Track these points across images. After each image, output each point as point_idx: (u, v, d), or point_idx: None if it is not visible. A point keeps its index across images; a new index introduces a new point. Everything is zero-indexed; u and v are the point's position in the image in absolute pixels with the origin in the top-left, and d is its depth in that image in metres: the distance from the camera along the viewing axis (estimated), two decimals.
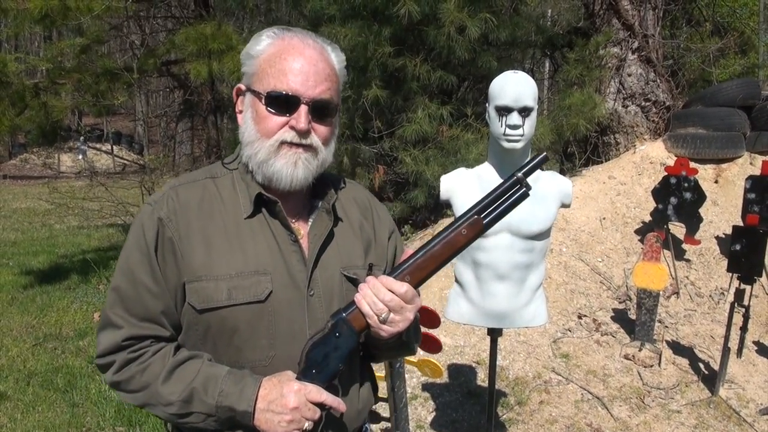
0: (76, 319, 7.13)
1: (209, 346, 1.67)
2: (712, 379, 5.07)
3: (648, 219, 7.09)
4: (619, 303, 6.19)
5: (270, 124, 1.64)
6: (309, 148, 1.66)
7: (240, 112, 1.74)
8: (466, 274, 3.10)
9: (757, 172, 6.67)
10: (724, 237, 7.02)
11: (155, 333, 1.66)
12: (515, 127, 2.81)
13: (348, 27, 7.08)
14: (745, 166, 7.92)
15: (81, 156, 24.41)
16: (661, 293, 5.84)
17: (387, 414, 3.73)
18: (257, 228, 1.69)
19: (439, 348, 3.59)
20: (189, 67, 8.00)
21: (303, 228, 1.75)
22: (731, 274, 5.88)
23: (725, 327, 4.96)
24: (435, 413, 4.67)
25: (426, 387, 4.92)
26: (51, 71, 9.18)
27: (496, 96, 2.85)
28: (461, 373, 5.11)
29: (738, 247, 4.97)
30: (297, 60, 1.64)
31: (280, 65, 1.64)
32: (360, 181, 7.49)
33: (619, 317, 5.96)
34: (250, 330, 1.64)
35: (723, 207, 7.51)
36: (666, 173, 6.80)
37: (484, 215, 1.64)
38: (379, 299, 1.57)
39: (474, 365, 5.20)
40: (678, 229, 6.87)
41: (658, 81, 8.74)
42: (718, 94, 8.21)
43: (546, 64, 14.27)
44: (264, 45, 1.69)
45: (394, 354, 1.96)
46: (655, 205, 6.81)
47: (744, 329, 5.34)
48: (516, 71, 2.90)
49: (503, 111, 2.82)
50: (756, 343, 5.81)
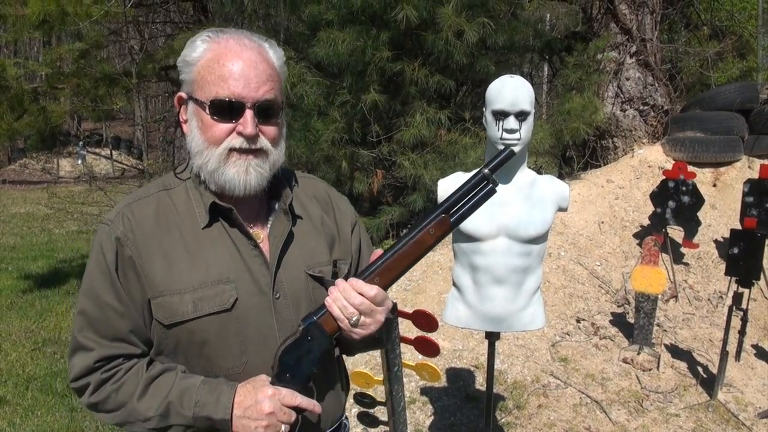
0: None
1: (181, 359, 1.68)
2: (710, 383, 5.07)
3: (646, 223, 7.10)
4: (618, 307, 6.19)
5: (217, 132, 1.62)
6: (259, 152, 1.65)
7: (185, 121, 1.72)
8: (463, 277, 3.11)
9: (756, 175, 6.68)
10: (722, 240, 7.02)
11: (126, 352, 1.66)
12: (512, 131, 2.82)
13: (346, 31, 7.08)
14: (744, 169, 7.93)
15: (80, 161, 24.44)
16: (660, 297, 5.85)
17: (385, 418, 3.72)
18: (216, 236, 1.68)
19: (437, 352, 3.57)
20: None
21: (262, 231, 1.75)
22: (729, 277, 5.89)
23: (723, 330, 4.97)
24: (433, 417, 4.67)
25: (424, 391, 4.92)
26: (50, 76, 9.19)
27: (493, 100, 2.86)
28: (460, 377, 5.11)
29: (736, 251, 4.98)
30: (236, 63, 1.61)
31: (219, 71, 1.61)
32: (359, 185, 7.50)
33: (618, 321, 5.96)
34: (219, 339, 1.65)
35: (721, 210, 7.52)
36: (664, 177, 6.80)
37: (451, 213, 1.65)
38: (350, 303, 1.59)
39: (472, 369, 5.20)
40: (676, 233, 6.88)
41: (656, 85, 8.76)
42: (716, 97, 8.22)
43: (545, 68, 14.29)
44: (200, 51, 1.65)
45: (366, 349, 1.96)
46: (654, 209, 6.81)
47: (742, 333, 5.34)
48: (512, 75, 2.91)
49: (500, 115, 2.83)
50: (754, 347, 5.81)
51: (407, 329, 2.29)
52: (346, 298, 1.59)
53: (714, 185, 7.88)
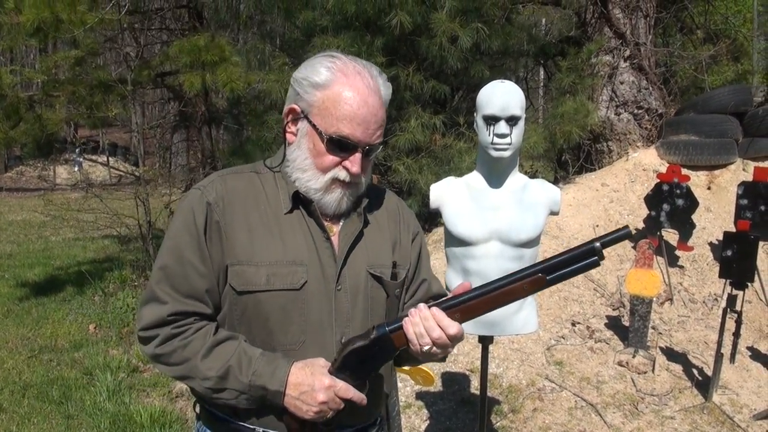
0: (71, 331, 7.13)
1: (244, 327, 1.77)
2: (705, 385, 5.08)
3: (641, 226, 7.12)
4: (613, 310, 6.21)
5: (326, 161, 1.75)
6: (356, 185, 1.81)
7: (290, 131, 1.82)
8: (456, 282, 3.11)
9: (750, 178, 6.69)
10: (717, 243, 7.04)
11: (198, 310, 1.75)
12: (503, 136, 2.83)
13: (340, 38, 7.11)
14: (738, 172, 7.95)
15: (77, 168, 24.40)
16: (655, 300, 5.86)
17: None
18: (295, 223, 1.80)
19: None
20: (183, 79, 8.02)
21: (335, 227, 1.86)
22: (724, 280, 5.91)
23: (718, 333, 4.98)
24: (429, 422, 4.68)
25: (419, 395, 4.93)
26: (45, 84, 9.19)
27: (483, 105, 2.88)
28: (455, 382, 5.12)
29: (729, 253, 4.99)
30: (362, 108, 1.72)
31: (344, 109, 1.71)
32: None
33: (613, 324, 5.97)
34: (283, 315, 1.75)
35: (716, 213, 7.54)
36: (659, 180, 6.82)
37: (549, 274, 1.64)
38: (429, 335, 1.63)
39: (467, 373, 5.21)
40: (671, 236, 6.89)
41: (650, 88, 8.78)
42: (710, 101, 8.24)
43: (540, 72, 14.32)
44: (325, 77, 1.74)
45: (413, 363, 2.06)
46: (648, 212, 6.83)
47: (737, 335, 5.34)
48: (503, 81, 2.93)
49: (491, 120, 2.84)
50: (749, 349, 5.83)
51: None
52: (426, 327, 1.63)
53: (708, 188, 7.90)
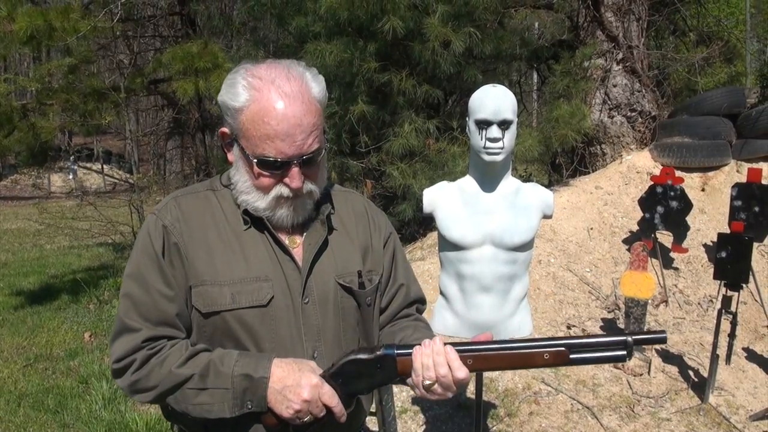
0: (66, 340, 7.11)
1: (216, 347, 1.72)
2: (701, 387, 5.08)
3: (635, 228, 7.12)
4: (608, 312, 6.21)
5: (264, 182, 1.70)
6: (305, 195, 1.74)
7: (228, 151, 1.78)
8: (450, 286, 3.12)
9: (744, 179, 6.70)
10: (711, 245, 7.04)
11: (171, 335, 1.72)
12: (495, 140, 2.84)
13: (333, 43, 7.11)
14: (732, 173, 7.96)
15: (71, 176, 24.37)
16: (650, 302, 5.86)
17: (376, 428, 3.72)
18: (257, 238, 1.76)
19: None
20: (176, 86, 8.02)
21: (298, 237, 1.81)
22: (719, 281, 5.91)
23: (714, 334, 4.98)
24: (425, 426, 4.67)
25: (416, 400, 4.92)
26: (39, 92, 9.19)
27: (475, 110, 2.88)
28: None
29: (724, 255, 4.99)
30: (281, 123, 1.62)
31: (263, 130, 1.63)
32: None
33: (608, 327, 5.98)
34: (253, 333, 1.71)
35: (710, 215, 7.55)
36: (652, 182, 6.83)
37: (572, 351, 1.61)
38: (435, 370, 1.59)
39: None
40: (665, 238, 6.90)
41: (643, 91, 8.80)
42: (703, 103, 8.25)
43: (534, 76, 14.35)
44: (242, 99, 1.65)
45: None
46: (642, 215, 6.84)
47: (732, 336, 5.35)
48: (495, 85, 2.93)
49: (483, 124, 2.85)
50: (745, 350, 5.83)
51: None
52: (435, 362, 1.59)
53: (702, 190, 7.91)
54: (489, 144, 2.84)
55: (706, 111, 8.10)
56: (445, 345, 1.61)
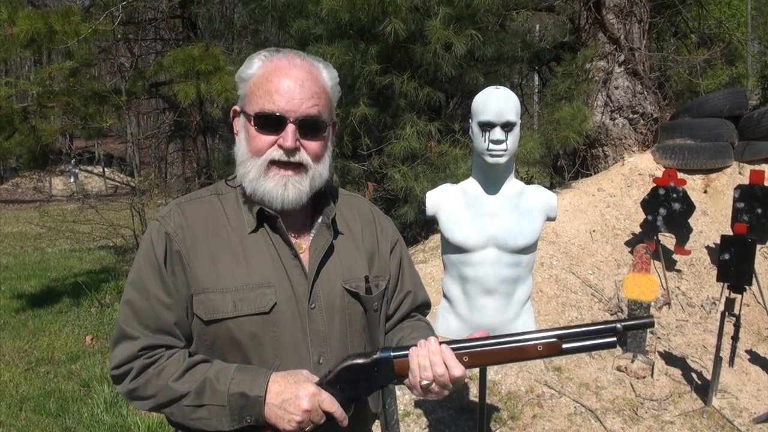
0: (68, 343, 7.10)
1: (217, 355, 1.71)
2: (705, 389, 5.07)
3: (638, 230, 7.11)
4: (611, 315, 6.19)
5: (259, 143, 1.70)
6: (298, 166, 1.72)
7: (236, 133, 1.80)
8: (453, 289, 3.11)
9: (746, 181, 6.70)
10: (714, 247, 7.03)
11: (169, 343, 1.72)
12: (498, 142, 2.82)
13: (335, 46, 7.11)
14: (734, 175, 7.96)
15: (72, 179, 24.40)
16: (653, 304, 5.85)
17: (379, 431, 3.72)
18: (261, 242, 1.75)
19: None
20: (177, 89, 8.01)
21: (305, 242, 1.81)
22: (722, 283, 5.90)
23: (717, 336, 4.97)
24: (428, 430, 4.66)
25: (418, 403, 4.91)
26: (40, 95, 9.18)
27: (478, 112, 2.87)
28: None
29: (727, 257, 4.98)
30: (282, 80, 1.69)
31: (266, 86, 1.69)
32: None
33: None
34: (255, 340, 1.69)
35: (713, 217, 7.54)
36: (655, 184, 6.82)
37: (564, 341, 1.64)
38: (432, 369, 1.60)
39: (466, 380, 5.18)
40: (668, 240, 6.89)
41: (645, 93, 8.79)
42: (705, 104, 8.25)
43: (535, 78, 14.35)
44: (255, 68, 1.74)
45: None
46: (645, 217, 6.83)
47: (735, 338, 5.33)
48: (498, 87, 2.92)
49: (486, 126, 2.84)
50: (748, 352, 5.82)
51: None
52: (431, 361, 1.60)
53: (705, 192, 7.90)
54: (492, 146, 2.83)
55: (708, 113, 8.10)
56: (441, 344, 1.63)
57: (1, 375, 6.18)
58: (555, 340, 1.63)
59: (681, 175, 6.91)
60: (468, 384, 5.14)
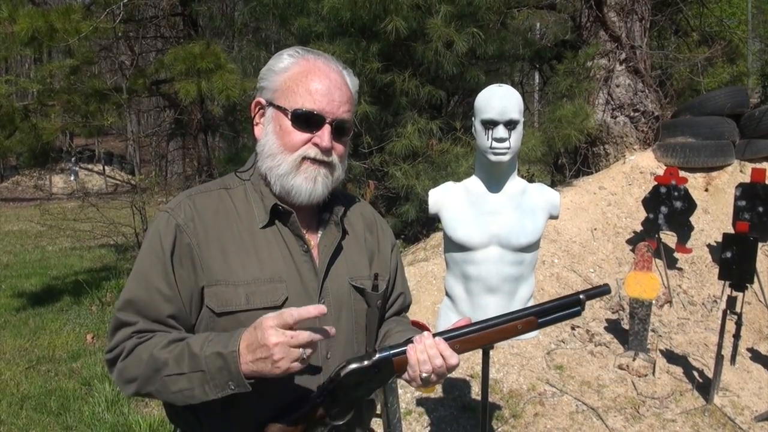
0: (69, 341, 7.09)
1: None
2: (706, 387, 5.06)
3: (639, 229, 7.11)
4: (612, 313, 6.19)
5: (294, 139, 1.72)
6: (329, 165, 1.76)
7: (258, 124, 1.81)
8: (456, 287, 3.10)
9: (747, 179, 6.69)
10: (715, 245, 7.03)
11: (165, 331, 1.69)
12: (502, 140, 2.81)
13: (336, 44, 7.11)
14: (735, 173, 7.95)
15: (73, 177, 24.40)
16: (654, 302, 5.85)
17: (381, 430, 3.71)
18: (271, 238, 1.76)
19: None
20: (178, 87, 8.00)
21: (313, 239, 1.83)
22: (723, 281, 5.90)
23: (718, 335, 4.96)
24: (430, 428, 4.66)
25: (420, 402, 4.91)
26: (41, 93, 9.17)
27: (481, 110, 2.86)
28: (455, 387, 5.10)
29: (729, 255, 4.98)
30: (323, 81, 1.73)
31: (306, 85, 1.73)
32: None
33: (613, 327, 5.96)
34: None
35: (714, 215, 7.53)
36: (656, 183, 6.81)
37: (539, 317, 1.80)
38: (431, 362, 1.65)
39: (468, 379, 5.19)
40: (669, 238, 6.88)
41: (646, 91, 8.79)
42: (706, 103, 8.24)
43: (536, 76, 14.34)
44: (287, 63, 1.77)
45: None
46: (646, 215, 6.82)
47: (737, 336, 5.33)
48: (501, 85, 2.91)
49: (489, 124, 2.82)
50: (750, 350, 5.81)
51: None
52: (429, 355, 1.65)
53: (706, 190, 7.90)
54: (495, 144, 2.82)
55: (709, 111, 8.09)
56: (435, 337, 1.69)
57: (2, 373, 6.17)
58: (532, 317, 1.78)
59: (682, 174, 6.91)
60: (470, 382, 5.14)
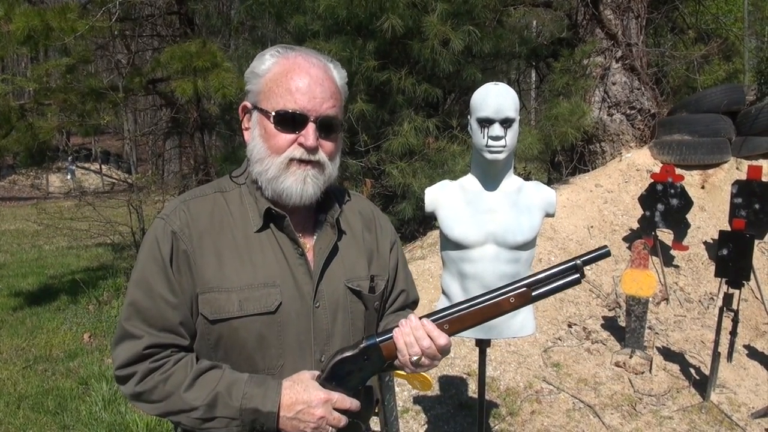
0: (66, 341, 7.09)
1: (220, 354, 1.71)
2: (703, 385, 5.07)
3: (636, 226, 7.12)
4: (609, 311, 6.20)
5: (279, 141, 1.69)
6: (316, 164, 1.72)
7: (246, 129, 1.80)
8: (452, 285, 3.10)
9: (744, 176, 6.70)
10: (712, 242, 7.04)
11: (175, 342, 1.70)
12: (497, 139, 2.82)
13: (332, 42, 7.10)
14: (732, 171, 7.96)
15: (69, 176, 24.39)
16: (651, 300, 5.86)
17: (378, 428, 3.71)
18: (266, 242, 1.74)
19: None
20: (174, 85, 7.99)
21: (308, 242, 1.81)
22: (720, 278, 5.90)
23: (715, 332, 4.97)
24: (427, 426, 4.66)
25: (417, 400, 4.91)
26: (37, 92, 9.15)
27: (477, 108, 2.86)
28: (452, 385, 5.10)
29: (725, 252, 4.99)
30: (303, 79, 1.69)
31: (286, 84, 1.69)
32: None
33: (609, 325, 5.97)
34: (260, 340, 1.69)
35: (710, 212, 7.54)
36: (652, 180, 6.82)
37: (533, 288, 1.69)
38: (418, 344, 1.64)
39: (465, 377, 5.19)
40: (666, 236, 6.89)
41: (642, 89, 8.79)
42: (702, 100, 8.25)
43: (532, 74, 14.34)
44: (268, 64, 1.73)
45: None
46: (643, 212, 6.83)
47: (733, 333, 5.35)
48: (497, 83, 2.91)
49: (485, 123, 2.83)
50: (746, 347, 5.82)
51: None
52: (416, 337, 1.64)
53: (702, 187, 7.91)
54: (491, 142, 2.82)
55: (705, 108, 8.10)
56: (421, 318, 1.67)
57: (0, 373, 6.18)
58: (525, 289, 1.68)
59: (679, 171, 6.92)
60: (467, 380, 5.15)
